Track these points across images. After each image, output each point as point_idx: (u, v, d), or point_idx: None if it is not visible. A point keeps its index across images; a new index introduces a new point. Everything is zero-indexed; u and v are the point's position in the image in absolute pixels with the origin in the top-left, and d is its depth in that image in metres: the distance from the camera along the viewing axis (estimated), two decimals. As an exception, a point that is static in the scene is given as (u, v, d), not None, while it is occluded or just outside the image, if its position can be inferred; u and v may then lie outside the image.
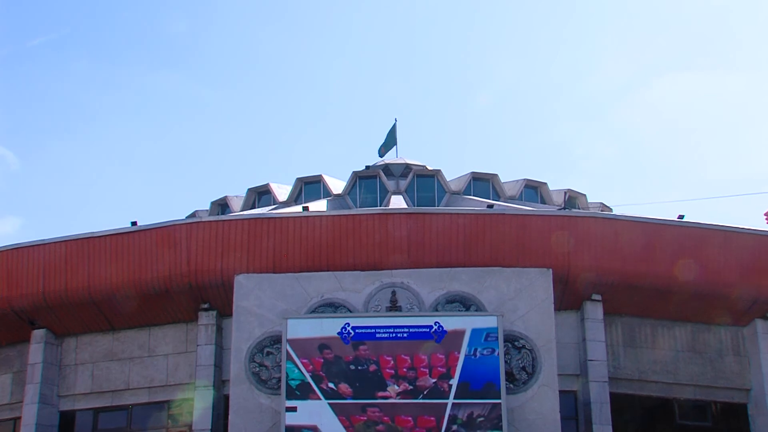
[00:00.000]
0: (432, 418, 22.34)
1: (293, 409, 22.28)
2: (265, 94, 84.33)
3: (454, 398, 22.39)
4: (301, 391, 22.61)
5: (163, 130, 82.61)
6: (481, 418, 22.27)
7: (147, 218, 30.34)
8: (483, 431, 22.13)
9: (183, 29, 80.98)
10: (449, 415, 22.28)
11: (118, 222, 44.67)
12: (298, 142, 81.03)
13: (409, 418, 22.35)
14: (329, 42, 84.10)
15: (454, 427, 22.26)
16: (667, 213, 29.64)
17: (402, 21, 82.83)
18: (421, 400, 22.46)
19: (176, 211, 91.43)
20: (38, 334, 25.27)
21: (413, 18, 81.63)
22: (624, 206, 47.53)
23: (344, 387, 22.56)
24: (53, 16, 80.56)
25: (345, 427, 22.35)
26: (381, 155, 38.67)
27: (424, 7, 79.31)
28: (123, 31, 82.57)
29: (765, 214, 36.29)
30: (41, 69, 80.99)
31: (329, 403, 22.51)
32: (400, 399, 22.46)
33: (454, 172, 36.23)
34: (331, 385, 22.61)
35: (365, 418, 22.45)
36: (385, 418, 22.41)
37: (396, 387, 22.48)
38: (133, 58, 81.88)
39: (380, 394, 22.49)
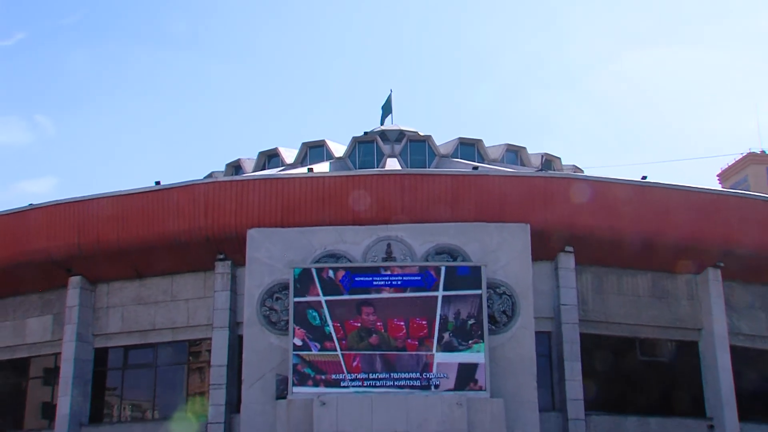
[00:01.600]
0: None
1: (299, 347, 22.82)
2: (274, 67, 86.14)
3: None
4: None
5: (183, 100, 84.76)
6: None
7: (169, 178, 30.25)
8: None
9: (188, 18, 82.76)
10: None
11: (144, 181, 45.20)
12: (303, 111, 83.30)
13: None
14: (332, 19, 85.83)
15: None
16: (633, 174, 31.46)
17: (399, 6, 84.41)
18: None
19: (195, 172, 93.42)
20: (74, 280, 26.31)
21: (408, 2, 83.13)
22: (595, 168, 49.12)
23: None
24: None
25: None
26: (384, 117, 38.94)
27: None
28: (143, 13, 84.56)
29: (717, 176, 37.86)
30: (74, 45, 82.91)
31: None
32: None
33: (443, 137, 37.18)
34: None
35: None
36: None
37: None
38: (154, 38, 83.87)
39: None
